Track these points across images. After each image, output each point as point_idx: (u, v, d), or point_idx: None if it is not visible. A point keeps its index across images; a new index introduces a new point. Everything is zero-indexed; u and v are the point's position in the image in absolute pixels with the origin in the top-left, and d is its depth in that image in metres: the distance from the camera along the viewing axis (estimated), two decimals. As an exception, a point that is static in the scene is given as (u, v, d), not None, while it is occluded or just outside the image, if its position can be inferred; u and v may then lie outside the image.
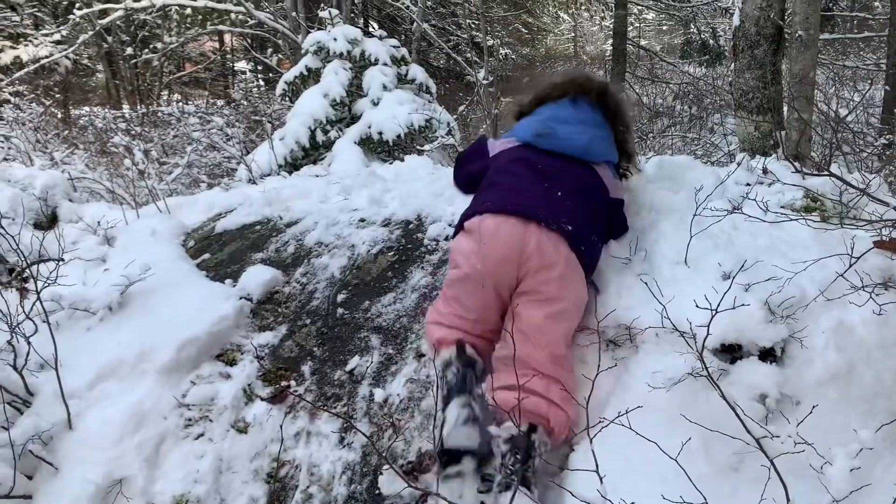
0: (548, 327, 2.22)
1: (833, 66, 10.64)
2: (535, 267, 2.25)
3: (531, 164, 2.52)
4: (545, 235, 2.26)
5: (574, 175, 2.50)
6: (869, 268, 2.19)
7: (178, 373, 2.67)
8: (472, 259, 2.32)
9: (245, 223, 3.65)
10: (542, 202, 2.35)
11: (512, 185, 2.46)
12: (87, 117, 10.88)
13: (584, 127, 2.61)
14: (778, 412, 1.92)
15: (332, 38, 6.86)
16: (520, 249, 2.25)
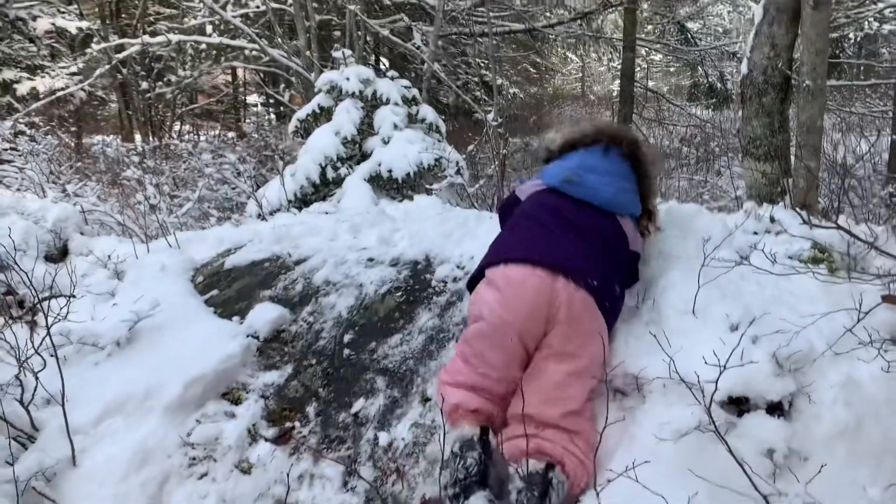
0: (567, 385, 2.20)
1: (840, 113, 10.71)
2: (563, 320, 2.23)
3: (557, 212, 2.54)
4: (573, 289, 2.25)
5: (600, 226, 2.51)
6: (877, 323, 2.19)
7: (184, 411, 2.66)
8: (497, 310, 2.27)
9: (254, 260, 3.67)
10: (569, 254, 2.35)
11: (538, 234, 2.46)
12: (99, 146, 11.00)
13: (611, 178, 2.62)
14: (786, 468, 1.90)
15: (345, 77, 6.95)
16: (549, 302, 2.23)
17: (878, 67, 14.72)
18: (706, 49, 17.62)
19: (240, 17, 12.73)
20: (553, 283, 2.26)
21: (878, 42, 17.34)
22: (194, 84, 18.20)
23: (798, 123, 4.22)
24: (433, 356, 2.75)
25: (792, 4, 4.14)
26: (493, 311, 2.29)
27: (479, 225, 3.65)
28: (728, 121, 13.59)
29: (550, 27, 15.59)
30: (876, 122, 10.08)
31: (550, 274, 2.27)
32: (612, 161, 2.68)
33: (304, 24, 10.28)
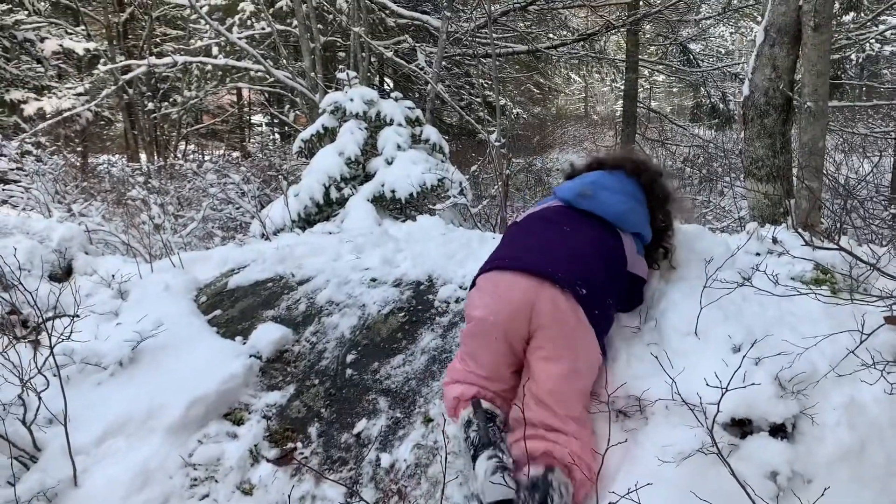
0: (561, 388, 2.21)
1: (842, 134, 10.75)
2: (546, 322, 2.26)
3: (553, 223, 2.58)
4: (559, 294, 2.28)
5: (597, 239, 2.53)
6: (879, 344, 2.18)
7: (186, 431, 2.67)
8: (484, 311, 2.34)
9: (258, 280, 3.68)
10: (557, 261, 2.37)
11: (529, 244, 2.50)
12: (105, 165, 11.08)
13: (624, 197, 2.66)
14: (789, 490, 1.89)
15: (349, 98, 7.00)
16: (531, 303, 2.27)
17: (880, 88, 14.78)
18: (708, 70, 17.71)
19: (245, 38, 12.86)
20: (537, 288, 2.29)
21: (880, 63, 17.43)
22: (200, 104, 18.34)
23: (800, 144, 4.24)
24: (435, 377, 2.75)
25: (793, 26, 4.18)
26: (480, 312, 2.35)
27: (482, 246, 3.66)
28: (731, 141, 13.64)
29: (553, 48, 15.69)
30: (878, 143, 10.11)
31: (536, 280, 2.30)
32: (628, 184, 2.72)
33: (308, 45, 10.37)
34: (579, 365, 2.26)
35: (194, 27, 16.04)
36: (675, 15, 16.11)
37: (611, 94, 31.76)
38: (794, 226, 3.78)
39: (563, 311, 2.26)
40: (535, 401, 2.21)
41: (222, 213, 7.79)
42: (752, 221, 4.00)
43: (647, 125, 19.56)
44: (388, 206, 6.72)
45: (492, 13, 11.49)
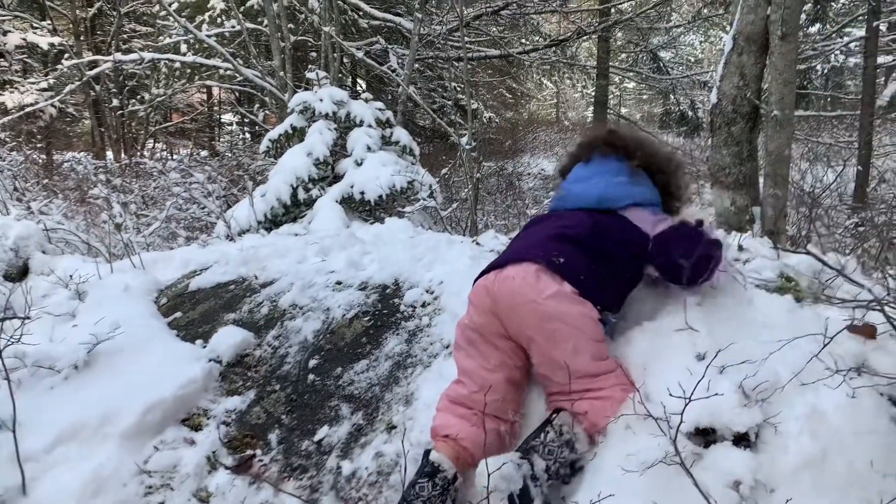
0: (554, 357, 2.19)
1: (808, 143, 10.92)
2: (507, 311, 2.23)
3: (544, 221, 2.60)
4: (512, 270, 2.25)
5: (588, 218, 2.46)
6: (842, 352, 2.18)
7: (142, 437, 2.59)
8: (462, 322, 2.38)
9: (220, 282, 3.61)
10: (530, 247, 2.35)
11: (512, 245, 2.54)
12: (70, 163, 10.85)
13: (599, 178, 2.58)
14: (752, 500, 1.88)
15: (319, 98, 6.94)
16: (491, 293, 2.26)
17: (844, 99, 15.06)
18: (678, 78, 17.92)
19: (215, 36, 12.70)
20: (495, 278, 2.28)
21: (845, 75, 17.75)
22: (168, 102, 18.08)
23: (766, 152, 4.28)
24: (399, 382, 2.71)
25: (761, 35, 4.21)
26: (465, 320, 2.38)
27: (449, 249, 3.63)
28: (698, 148, 13.78)
29: (525, 53, 15.75)
30: (842, 153, 10.29)
31: (497, 272, 2.31)
32: (599, 164, 2.64)
33: (278, 44, 10.26)
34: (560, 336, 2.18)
35: (163, 24, 15.79)
36: (646, 23, 16.27)
37: (582, 101, 32.00)
38: (761, 233, 3.80)
39: (521, 285, 2.20)
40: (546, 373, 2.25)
41: (187, 213, 7.66)
42: (718, 229, 4.02)
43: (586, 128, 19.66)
44: (357, 207, 6.67)
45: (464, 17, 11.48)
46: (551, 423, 2.13)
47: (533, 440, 2.08)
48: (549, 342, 2.19)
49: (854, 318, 2.30)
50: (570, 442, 2.11)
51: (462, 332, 2.37)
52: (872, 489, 1.90)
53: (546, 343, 2.20)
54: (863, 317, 2.31)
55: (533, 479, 1.98)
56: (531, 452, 2.04)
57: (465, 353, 2.35)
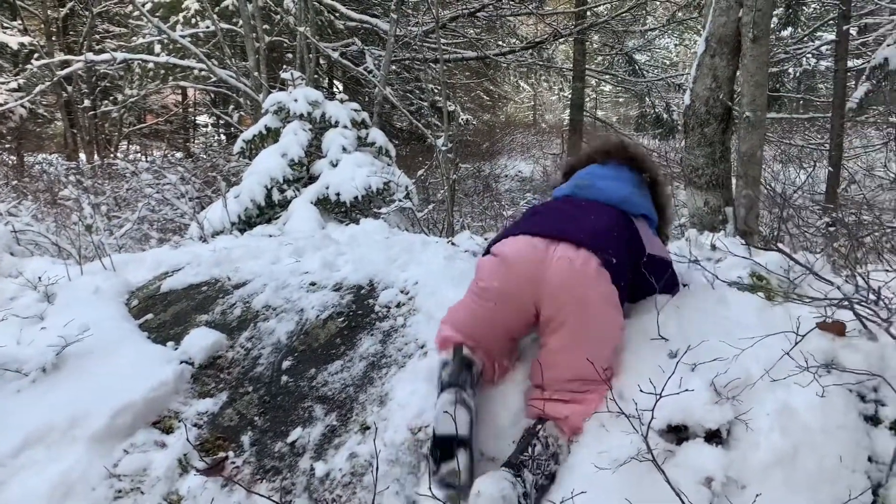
0: (567, 351, 2.22)
1: (780, 144, 11.05)
2: (554, 285, 2.23)
3: (567, 203, 2.61)
4: (572, 252, 2.25)
5: (614, 215, 2.50)
6: (812, 349, 2.21)
7: (111, 441, 2.54)
8: (492, 277, 2.34)
9: (192, 283, 3.57)
10: (575, 226, 2.36)
11: (544, 218, 2.50)
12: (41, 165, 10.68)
13: (623, 183, 2.66)
14: (724, 496, 1.89)
15: (293, 99, 6.90)
16: (537, 266, 2.25)
17: (816, 102, 15.28)
18: (653, 80, 18.07)
19: (189, 36, 12.59)
20: (548, 248, 2.28)
21: (816, 78, 18.00)
22: (142, 103, 17.89)
23: (739, 154, 4.33)
24: (374, 383, 2.69)
25: (733, 38, 4.26)
26: (489, 275, 2.36)
27: (424, 250, 3.62)
28: (673, 150, 13.91)
29: (502, 55, 15.79)
30: (813, 155, 10.43)
31: (549, 241, 2.30)
32: (622, 171, 2.74)
33: (253, 44, 10.19)
34: (589, 330, 2.23)
35: (136, 24, 15.62)
36: (621, 26, 16.39)
37: (559, 103, 32.16)
38: (734, 232, 3.84)
39: (580, 274, 2.21)
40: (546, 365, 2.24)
41: (159, 215, 7.57)
42: (691, 228, 4.06)
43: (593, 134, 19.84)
44: (332, 209, 6.63)
45: (440, 18, 11.49)
46: (537, 435, 2.12)
47: (522, 454, 2.07)
48: (580, 332, 2.22)
49: (824, 316, 2.34)
50: (556, 455, 2.12)
51: (486, 288, 2.36)
52: (842, 484, 1.93)
53: (577, 331, 2.22)
54: (832, 314, 2.34)
55: (525, 497, 1.97)
56: (521, 468, 2.03)
57: (481, 302, 2.39)
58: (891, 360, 2.22)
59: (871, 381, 2.16)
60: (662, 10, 18.81)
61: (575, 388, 2.20)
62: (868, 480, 1.98)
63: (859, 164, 9.92)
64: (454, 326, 2.46)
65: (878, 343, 2.26)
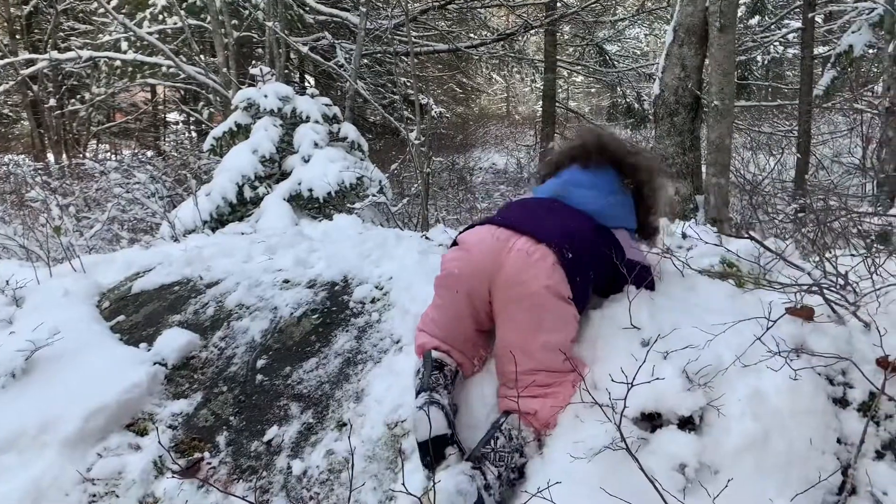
0: (525, 343, 2.22)
1: (749, 132, 11.17)
2: (506, 280, 2.24)
3: (543, 202, 2.61)
4: (531, 246, 2.25)
5: (586, 219, 2.50)
6: (782, 334, 2.24)
7: (84, 445, 2.52)
8: (452, 263, 2.39)
9: (163, 283, 3.53)
10: (542, 224, 2.36)
11: (513, 212, 2.53)
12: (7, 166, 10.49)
13: (598, 192, 2.61)
14: (697, 482, 1.92)
15: (263, 94, 6.84)
16: (497, 255, 2.27)
17: (784, 89, 15.46)
18: (624, 70, 18.16)
19: (157, 33, 12.42)
20: (509, 239, 2.29)
21: (784, 65, 18.21)
22: (111, 101, 17.62)
23: (708, 142, 4.37)
24: (349, 379, 2.69)
25: (700, 27, 4.29)
26: (449, 263, 2.41)
27: (398, 244, 3.61)
28: (645, 139, 14.00)
29: (473, 48, 15.78)
30: (782, 141, 10.56)
31: (512, 234, 2.31)
32: (602, 176, 2.67)
33: (222, 40, 10.08)
34: (546, 318, 2.23)
35: (102, 21, 15.36)
36: (592, 16, 16.44)
37: (532, 95, 32.16)
38: (704, 220, 3.88)
39: (533, 267, 2.22)
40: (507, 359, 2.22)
41: (129, 215, 7.47)
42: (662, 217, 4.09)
43: (566, 125, 19.90)
44: (305, 205, 6.59)
45: (409, 11, 11.45)
46: (500, 428, 2.14)
47: (483, 447, 2.08)
48: (529, 323, 2.23)
49: (794, 301, 2.37)
50: (519, 448, 2.12)
51: (447, 277, 2.41)
52: (811, 466, 1.96)
53: (526, 321, 2.23)
54: (802, 299, 2.38)
55: (486, 489, 1.98)
56: (482, 461, 2.04)
57: (444, 294, 2.44)
58: (858, 343, 2.26)
59: (839, 364, 2.20)
60: (632, 1, 18.91)
61: (540, 379, 2.20)
62: (837, 461, 2.02)
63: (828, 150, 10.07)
64: (427, 331, 2.49)
65: (846, 327, 2.30)
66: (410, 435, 2.32)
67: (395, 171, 10.18)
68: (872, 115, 6.94)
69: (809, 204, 4.42)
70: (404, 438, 2.32)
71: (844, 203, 3.71)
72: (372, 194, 6.53)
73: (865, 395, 2.18)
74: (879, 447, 2.10)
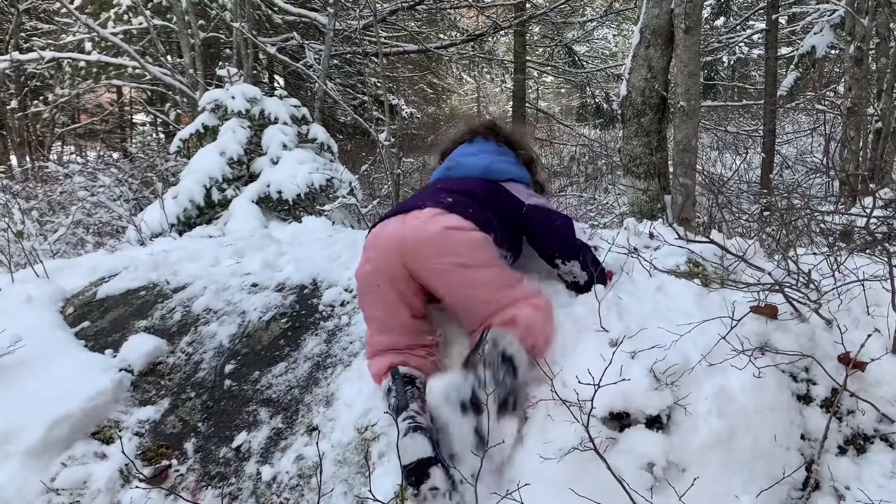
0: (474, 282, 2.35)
1: (716, 132, 11.31)
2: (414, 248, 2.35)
3: (436, 184, 2.78)
4: (418, 217, 2.41)
5: (476, 184, 2.71)
6: (747, 333, 2.27)
7: (48, 454, 2.47)
8: (364, 264, 2.48)
9: (129, 288, 3.48)
10: (428, 198, 2.51)
11: (405, 202, 2.63)
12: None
13: (484, 154, 2.89)
14: (665, 480, 1.93)
15: (231, 96, 6.77)
16: (400, 238, 2.38)
17: (749, 89, 15.69)
18: (592, 71, 18.30)
19: (122, 33, 12.24)
20: (403, 220, 2.43)
21: (749, 66, 18.48)
22: (75, 102, 17.33)
23: (674, 142, 4.41)
24: (319, 383, 2.67)
25: (666, 28, 4.33)
26: (360, 269, 2.49)
27: (367, 246, 3.59)
28: (614, 140, 14.13)
29: (443, 48, 15.79)
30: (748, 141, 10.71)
31: (404, 215, 2.45)
32: (486, 144, 2.98)
33: (188, 41, 9.97)
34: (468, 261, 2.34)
35: (65, 21, 15.09)
36: (560, 17, 16.54)
37: (502, 95, 32.24)
38: (670, 221, 3.92)
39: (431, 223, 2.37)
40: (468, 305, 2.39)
41: (95, 218, 7.35)
42: (630, 217, 4.13)
43: (535, 125, 20.00)
44: (274, 207, 6.54)
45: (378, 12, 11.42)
46: (483, 338, 2.22)
47: (472, 356, 2.20)
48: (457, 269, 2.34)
49: (757, 300, 2.40)
50: (505, 353, 2.16)
51: (364, 280, 2.46)
52: (776, 462, 1.99)
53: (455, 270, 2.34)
54: (765, 298, 2.41)
55: (482, 386, 2.07)
56: (471, 366, 2.16)
57: (369, 301, 2.49)
58: (820, 341, 2.30)
59: (802, 362, 2.24)
60: (601, 1, 19.05)
61: (500, 297, 2.33)
62: (801, 457, 2.05)
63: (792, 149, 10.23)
64: (374, 346, 2.50)
65: (809, 324, 2.34)
66: (381, 439, 2.32)
67: (366, 172, 10.13)
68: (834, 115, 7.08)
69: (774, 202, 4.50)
70: (374, 442, 2.32)
71: (807, 202, 3.77)
72: (342, 196, 6.49)
73: (828, 392, 2.22)
74: (842, 442, 2.14)
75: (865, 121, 5.41)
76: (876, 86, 5.73)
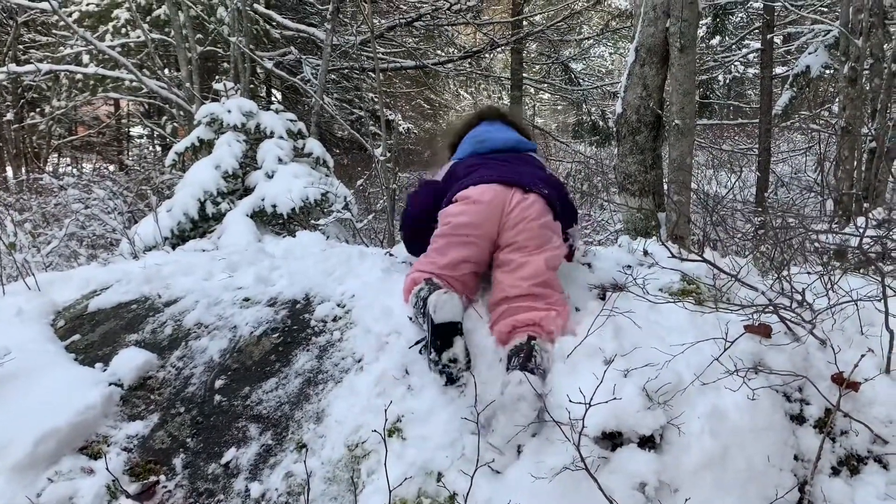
0: (527, 264, 2.63)
1: (711, 150, 11.36)
2: (514, 220, 2.70)
3: (488, 159, 3.05)
4: (527, 199, 2.74)
5: (531, 160, 3.10)
6: (740, 352, 2.26)
7: (34, 469, 2.44)
8: (461, 217, 2.75)
9: (121, 301, 3.45)
10: (517, 174, 2.84)
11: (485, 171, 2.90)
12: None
13: (509, 131, 3.26)
14: (657, 501, 1.92)
15: (227, 109, 6.77)
16: (503, 206, 2.72)
17: (745, 108, 15.77)
18: (588, 88, 18.39)
19: (119, 47, 12.27)
20: (508, 192, 2.75)
21: (745, 84, 18.59)
22: (72, 115, 17.33)
23: (669, 160, 4.43)
24: (310, 399, 2.65)
25: (661, 47, 4.35)
26: (457, 217, 2.76)
27: (362, 262, 3.58)
28: (609, 157, 14.17)
29: (441, 64, 15.86)
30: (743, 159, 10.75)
31: (505, 187, 2.76)
32: (496, 125, 3.33)
33: (185, 55, 9.99)
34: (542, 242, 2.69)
35: (63, 34, 15.12)
36: (557, 35, 16.64)
37: (498, 111, 32.28)
38: (664, 238, 3.92)
39: (527, 208, 2.72)
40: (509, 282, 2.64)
41: (88, 231, 7.32)
42: (625, 234, 4.13)
43: (532, 141, 20.01)
44: (269, 221, 6.53)
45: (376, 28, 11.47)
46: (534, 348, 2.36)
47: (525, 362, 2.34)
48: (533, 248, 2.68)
49: (751, 319, 2.40)
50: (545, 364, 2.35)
51: (454, 227, 2.76)
52: (769, 483, 1.97)
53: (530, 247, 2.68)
54: (759, 317, 2.40)
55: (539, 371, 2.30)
56: None
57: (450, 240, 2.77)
58: (814, 360, 2.29)
59: (796, 382, 2.23)
60: (597, 20, 19.17)
61: (537, 290, 2.58)
62: (794, 478, 2.04)
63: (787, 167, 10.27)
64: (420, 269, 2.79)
65: (803, 344, 2.33)
66: (371, 456, 2.30)
67: (362, 187, 10.14)
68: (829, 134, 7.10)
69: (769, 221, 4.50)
70: (364, 460, 2.30)
71: (801, 221, 3.77)
72: (337, 210, 6.48)
73: (822, 412, 2.21)
74: (835, 463, 2.13)
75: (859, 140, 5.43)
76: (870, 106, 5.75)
